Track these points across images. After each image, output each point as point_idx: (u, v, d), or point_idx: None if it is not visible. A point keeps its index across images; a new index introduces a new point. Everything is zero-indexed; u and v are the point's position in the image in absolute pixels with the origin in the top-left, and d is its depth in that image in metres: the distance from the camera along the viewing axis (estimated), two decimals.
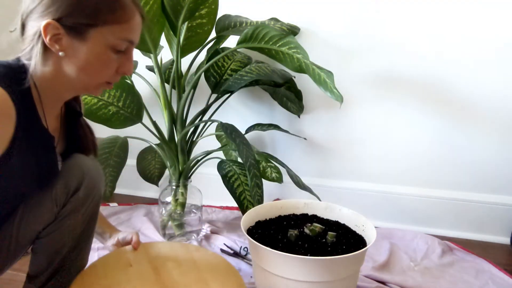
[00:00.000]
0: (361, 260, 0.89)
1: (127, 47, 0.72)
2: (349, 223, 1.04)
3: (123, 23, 0.69)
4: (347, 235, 0.98)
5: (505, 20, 1.41)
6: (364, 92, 1.62)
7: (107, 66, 0.70)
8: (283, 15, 1.61)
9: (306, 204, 1.10)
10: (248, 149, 1.21)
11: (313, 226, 0.96)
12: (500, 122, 1.50)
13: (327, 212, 1.08)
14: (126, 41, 0.70)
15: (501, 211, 1.54)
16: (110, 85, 0.75)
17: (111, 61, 0.70)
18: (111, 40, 0.68)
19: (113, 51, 0.69)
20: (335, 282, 0.82)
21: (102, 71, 0.70)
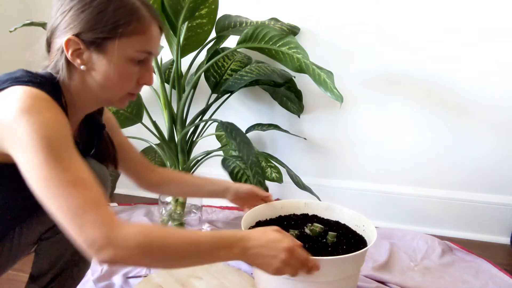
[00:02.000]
0: (361, 260, 0.89)
1: (146, 58, 0.72)
2: (350, 223, 1.03)
3: (140, 35, 0.69)
4: (348, 235, 0.98)
5: (506, 20, 1.41)
6: (364, 92, 1.62)
7: (127, 78, 0.71)
8: (283, 15, 1.61)
9: (306, 204, 1.09)
10: (249, 147, 1.21)
11: (314, 226, 0.96)
12: (500, 122, 1.50)
13: (327, 212, 1.08)
14: (145, 53, 0.71)
15: (501, 211, 1.54)
16: (133, 96, 0.75)
17: (131, 73, 0.71)
18: (130, 52, 0.69)
19: (132, 62, 0.70)
20: (336, 282, 0.82)
21: (122, 83, 0.71)
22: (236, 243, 0.67)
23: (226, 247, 0.66)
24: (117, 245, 0.57)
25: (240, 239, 0.67)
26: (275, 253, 0.68)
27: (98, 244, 0.56)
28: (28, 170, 0.57)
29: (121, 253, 0.57)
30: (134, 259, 0.59)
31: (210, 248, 0.64)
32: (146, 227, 0.61)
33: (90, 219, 0.56)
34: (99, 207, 0.58)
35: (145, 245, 0.58)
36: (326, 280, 0.79)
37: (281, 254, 0.68)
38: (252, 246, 0.67)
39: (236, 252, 0.66)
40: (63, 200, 0.56)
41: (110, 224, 0.57)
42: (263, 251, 0.68)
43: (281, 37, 1.27)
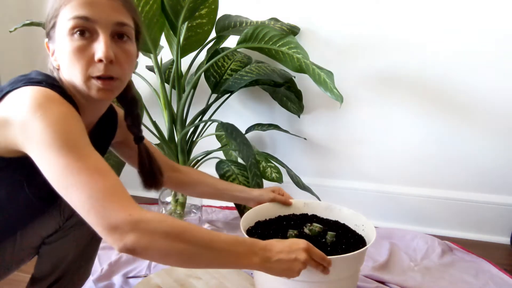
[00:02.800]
0: (361, 260, 0.89)
1: (90, 28, 0.65)
2: (349, 222, 1.03)
3: (68, 5, 0.64)
4: (347, 235, 0.98)
5: (506, 19, 1.41)
6: (364, 92, 1.62)
7: (76, 54, 0.64)
8: (283, 15, 1.61)
9: (306, 204, 1.10)
10: (249, 148, 1.21)
11: (313, 226, 0.96)
12: (500, 122, 1.50)
13: (327, 212, 1.08)
14: (80, 19, 0.64)
15: (501, 211, 1.54)
16: (104, 83, 0.66)
17: (78, 47, 0.64)
18: (65, 25, 0.64)
19: (73, 35, 0.64)
20: (335, 282, 0.82)
21: (74, 62, 0.65)
22: (259, 252, 0.65)
23: (248, 253, 0.64)
24: (141, 230, 0.55)
25: (263, 248, 0.66)
26: (295, 255, 0.68)
27: (122, 229, 0.54)
28: (45, 164, 0.57)
29: (145, 239, 0.55)
30: (157, 247, 0.56)
31: (231, 250, 0.63)
32: (169, 217, 0.59)
33: (112, 204, 0.55)
34: (120, 193, 0.57)
35: (169, 232, 0.57)
36: (326, 280, 0.79)
37: (301, 255, 0.68)
38: (274, 254, 0.67)
39: (257, 261, 0.65)
40: (83, 187, 0.55)
41: (132, 209, 0.56)
42: (282, 256, 0.67)
43: (281, 37, 1.26)
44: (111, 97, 0.70)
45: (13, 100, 0.60)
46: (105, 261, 1.26)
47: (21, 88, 0.61)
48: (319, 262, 0.73)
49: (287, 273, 0.69)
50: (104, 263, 1.25)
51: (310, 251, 0.71)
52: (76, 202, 0.55)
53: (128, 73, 0.72)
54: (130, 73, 0.73)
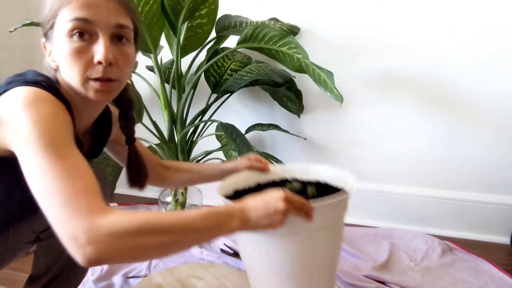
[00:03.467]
0: (343, 207, 0.84)
1: (90, 30, 0.65)
2: (330, 180, 0.99)
3: (67, 7, 0.64)
4: (328, 190, 0.94)
5: (506, 20, 1.41)
6: (364, 92, 1.62)
7: (74, 55, 0.65)
8: (283, 15, 1.61)
9: (283, 170, 1.05)
10: (249, 149, 1.21)
11: (292, 183, 0.94)
12: (500, 122, 1.50)
13: (306, 174, 1.03)
14: (79, 21, 0.64)
15: (501, 211, 1.54)
16: (102, 84, 0.67)
17: (77, 49, 0.64)
18: (65, 27, 0.64)
19: (70, 37, 0.64)
20: (321, 230, 0.79)
21: (72, 63, 0.65)
22: (236, 215, 0.63)
23: (225, 220, 0.61)
24: (100, 236, 0.50)
25: (239, 210, 0.64)
26: (274, 207, 0.65)
27: (80, 240, 0.49)
28: (23, 161, 0.56)
29: (107, 246, 0.50)
30: (124, 249, 0.51)
31: (207, 225, 0.59)
32: (131, 212, 0.55)
33: (73, 211, 0.51)
34: (86, 197, 0.53)
35: (133, 230, 0.52)
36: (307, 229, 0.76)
37: (280, 205, 0.66)
38: (251, 212, 0.64)
39: (236, 224, 0.62)
40: (51, 191, 0.53)
41: (93, 214, 0.51)
42: (262, 211, 0.65)
43: (281, 37, 1.26)
44: (109, 98, 0.70)
45: (6, 100, 0.61)
46: None
47: (15, 88, 0.61)
48: (301, 209, 0.70)
49: (269, 227, 0.66)
50: None
51: (289, 199, 0.68)
52: (43, 206, 0.54)
53: (127, 75, 0.72)
54: (129, 75, 0.73)
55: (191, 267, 1.22)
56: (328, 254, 0.83)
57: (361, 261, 1.31)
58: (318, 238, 0.79)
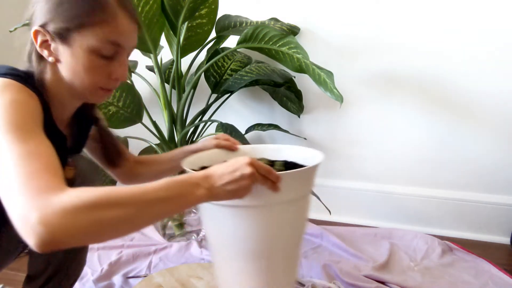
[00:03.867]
0: (311, 180, 0.83)
1: (116, 51, 0.68)
2: (298, 159, 0.98)
3: (105, 25, 0.65)
4: (295, 166, 0.94)
5: (506, 20, 1.41)
6: (364, 92, 1.62)
7: (92, 71, 0.68)
8: (283, 15, 1.61)
9: (253, 148, 1.04)
10: None
11: (260, 159, 0.94)
12: (500, 122, 1.50)
13: (275, 153, 1.02)
14: (111, 44, 0.67)
15: (501, 211, 1.54)
16: (109, 92, 0.72)
17: (97, 65, 0.67)
18: (93, 44, 0.65)
19: (97, 55, 0.67)
20: (286, 205, 0.77)
21: (89, 76, 0.68)
22: (201, 183, 0.60)
23: (190, 188, 0.59)
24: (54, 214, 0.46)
25: (204, 177, 0.61)
26: (240, 172, 0.63)
27: (30, 220, 0.45)
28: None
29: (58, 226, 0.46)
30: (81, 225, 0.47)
31: (172, 194, 0.56)
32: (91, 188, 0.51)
33: (28, 190, 0.48)
34: (44, 175, 0.50)
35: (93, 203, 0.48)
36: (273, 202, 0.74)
37: (246, 170, 0.63)
38: (217, 179, 0.62)
39: (202, 192, 0.60)
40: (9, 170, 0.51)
41: (49, 192, 0.48)
42: (228, 177, 0.62)
43: (281, 37, 1.26)
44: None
45: None
46: (105, 261, 1.26)
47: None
48: (266, 177, 0.67)
49: (237, 193, 0.64)
50: (104, 263, 1.25)
51: (255, 164, 0.65)
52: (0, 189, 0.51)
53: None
54: None
55: (191, 267, 1.22)
56: (293, 231, 0.81)
57: (361, 261, 1.31)
58: (284, 213, 0.77)
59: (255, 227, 0.75)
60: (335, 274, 1.20)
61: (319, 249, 1.41)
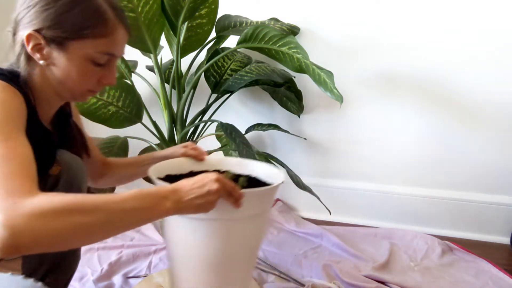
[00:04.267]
0: (271, 198, 0.87)
1: (109, 59, 0.72)
2: (261, 176, 1.01)
3: (104, 38, 0.69)
4: (259, 183, 0.97)
5: (506, 20, 1.41)
6: (364, 92, 1.62)
7: (86, 76, 0.71)
8: (283, 15, 1.61)
9: (219, 160, 1.06)
10: (248, 149, 1.21)
11: (226, 173, 0.96)
12: (500, 122, 1.50)
13: (240, 168, 1.05)
14: (107, 55, 0.71)
15: (501, 211, 1.54)
16: (94, 93, 0.76)
17: (91, 72, 0.71)
18: (91, 53, 0.69)
19: (92, 63, 0.70)
20: (247, 220, 0.81)
21: (82, 81, 0.71)
22: (169, 196, 0.62)
23: (158, 200, 0.60)
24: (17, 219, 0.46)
25: (172, 190, 0.63)
26: (207, 188, 0.65)
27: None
28: None
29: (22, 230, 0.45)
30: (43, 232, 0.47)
31: (141, 205, 0.57)
32: (61, 194, 0.51)
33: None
34: (16, 178, 0.51)
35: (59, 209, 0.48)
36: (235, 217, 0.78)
37: (213, 186, 0.66)
38: (185, 193, 0.64)
39: (169, 205, 0.61)
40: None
41: (19, 195, 0.48)
42: (196, 192, 0.64)
43: (281, 37, 1.26)
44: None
45: None
46: (105, 261, 1.26)
47: None
48: (231, 193, 0.70)
49: (203, 207, 0.66)
50: (104, 263, 1.24)
51: (221, 181, 0.68)
52: None
53: None
54: None
55: None
56: (251, 245, 0.85)
57: (361, 261, 1.31)
58: (244, 227, 0.81)
59: (215, 239, 0.79)
60: (335, 274, 1.20)
61: (319, 249, 1.41)
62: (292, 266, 1.27)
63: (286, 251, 1.38)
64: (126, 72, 1.42)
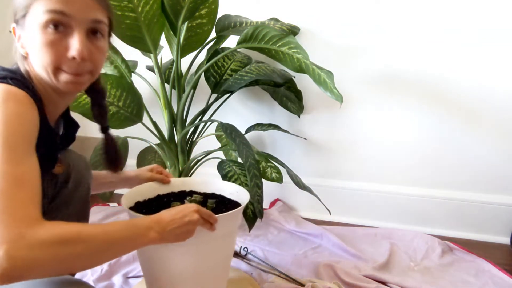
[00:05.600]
0: (238, 218, 0.95)
1: (66, 23, 0.65)
2: (225, 192, 1.10)
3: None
4: (225, 202, 1.05)
5: (506, 20, 1.41)
6: (364, 92, 1.62)
7: (47, 46, 0.64)
8: (283, 15, 1.61)
9: (183, 182, 1.13)
10: (248, 149, 1.21)
11: (194, 197, 1.00)
12: (500, 122, 1.50)
13: (203, 186, 1.12)
14: (55, 13, 0.64)
15: (501, 211, 1.54)
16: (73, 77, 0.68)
17: (51, 40, 0.64)
18: (41, 18, 0.64)
19: (45, 28, 0.64)
20: (220, 239, 0.88)
21: (43, 53, 0.65)
22: (153, 226, 0.68)
23: (144, 231, 0.66)
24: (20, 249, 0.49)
25: (156, 221, 0.69)
26: (188, 218, 0.73)
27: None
28: None
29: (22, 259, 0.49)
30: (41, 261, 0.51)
31: (128, 235, 0.63)
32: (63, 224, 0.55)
33: (5, 217, 0.51)
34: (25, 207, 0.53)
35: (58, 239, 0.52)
36: (214, 237, 0.85)
37: (193, 216, 0.74)
38: (166, 224, 0.70)
39: (153, 235, 0.67)
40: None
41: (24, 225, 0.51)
42: (177, 223, 0.71)
43: (281, 37, 1.26)
44: (80, 90, 0.72)
45: None
46: None
47: None
48: (207, 220, 0.79)
49: (183, 236, 0.73)
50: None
51: (200, 211, 0.77)
52: None
53: (100, 68, 0.73)
54: (101, 68, 0.74)
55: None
56: (223, 259, 0.95)
57: (361, 261, 1.31)
58: (217, 246, 0.90)
59: (194, 260, 0.87)
60: (335, 274, 1.20)
61: (319, 249, 1.41)
62: (292, 266, 1.27)
63: (286, 251, 1.38)
64: (126, 72, 1.42)
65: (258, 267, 1.26)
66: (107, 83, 1.25)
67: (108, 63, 1.42)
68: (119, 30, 1.18)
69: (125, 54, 1.44)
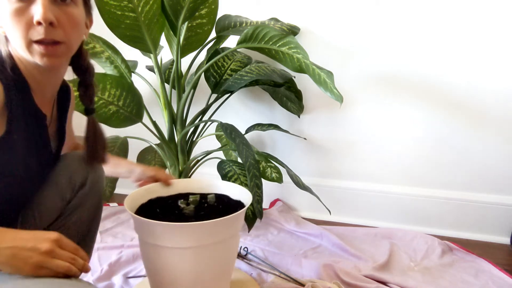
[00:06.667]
0: (237, 222, 0.93)
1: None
2: (230, 194, 1.09)
3: None
4: (229, 199, 1.04)
5: (506, 20, 1.41)
6: (364, 92, 1.62)
7: (15, 18, 0.63)
8: (283, 15, 1.61)
9: (188, 182, 1.12)
10: (248, 149, 1.21)
11: (192, 198, 1.01)
12: (500, 122, 1.50)
13: (209, 188, 1.12)
14: None
15: (501, 211, 1.54)
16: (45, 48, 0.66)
17: (17, 11, 0.63)
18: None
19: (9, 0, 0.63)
20: (219, 244, 0.87)
21: (15, 26, 0.64)
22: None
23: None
24: None
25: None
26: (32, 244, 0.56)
27: None
28: None
29: None
30: None
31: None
32: None
33: None
34: None
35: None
36: (208, 243, 0.84)
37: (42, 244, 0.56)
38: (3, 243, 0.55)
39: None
40: None
41: None
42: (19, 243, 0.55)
43: (281, 37, 1.26)
44: (57, 63, 0.68)
45: None
46: (105, 261, 1.26)
47: None
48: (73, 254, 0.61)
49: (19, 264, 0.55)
50: (104, 263, 1.25)
51: (61, 241, 0.59)
52: None
53: (74, 38, 0.70)
54: (78, 38, 0.71)
55: None
56: (226, 262, 0.94)
57: (361, 261, 1.31)
58: (219, 249, 0.89)
59: (197, 263, 0.87)
60: (335, 274, 1.20)
61: (319, 249, 1.41)
62: (292, 266, 1.27)
63: (286, 251, 1.38)
64: (126, 72, 1.42)
65: (258, 267, 1.26)
66: (107, 83, 1.25)
67: (108, 63, 1.42)
68: (119, 30, 1.18)
69: (125, 54, 1.44)
